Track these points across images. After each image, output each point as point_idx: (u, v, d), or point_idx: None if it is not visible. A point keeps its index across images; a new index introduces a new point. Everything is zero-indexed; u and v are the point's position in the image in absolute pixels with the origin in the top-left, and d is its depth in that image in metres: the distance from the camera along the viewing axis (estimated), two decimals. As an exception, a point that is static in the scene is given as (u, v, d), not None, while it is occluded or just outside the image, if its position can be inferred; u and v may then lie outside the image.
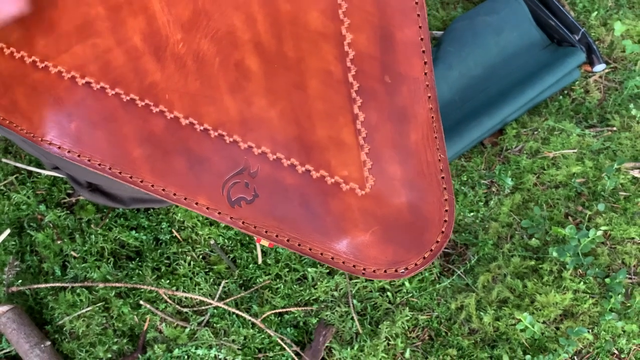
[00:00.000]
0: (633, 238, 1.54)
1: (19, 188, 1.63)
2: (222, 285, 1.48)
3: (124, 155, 0.85)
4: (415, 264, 0.84)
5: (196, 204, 0.85)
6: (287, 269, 1.48)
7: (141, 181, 0.85)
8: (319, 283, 1.46)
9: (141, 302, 1.46)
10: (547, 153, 1.73)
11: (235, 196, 0.85)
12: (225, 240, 1.53)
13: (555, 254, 1.44)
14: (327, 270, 1.46)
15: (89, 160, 0.86)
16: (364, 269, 0.84)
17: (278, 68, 0.84)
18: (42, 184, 1.64)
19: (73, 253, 1.54)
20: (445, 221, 0.82)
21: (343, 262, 0.85)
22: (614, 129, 1.79)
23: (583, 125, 1.80)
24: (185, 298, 1.48)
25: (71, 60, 0.86)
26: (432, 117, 0.82)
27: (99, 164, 0.86)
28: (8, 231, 1.53)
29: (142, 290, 1.49)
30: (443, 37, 1.78)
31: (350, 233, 0.85)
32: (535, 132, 1.77)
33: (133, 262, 1.52)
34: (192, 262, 1.52)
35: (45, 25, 0.87)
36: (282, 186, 0.84)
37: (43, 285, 1.47)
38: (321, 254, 0.85)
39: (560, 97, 1.86)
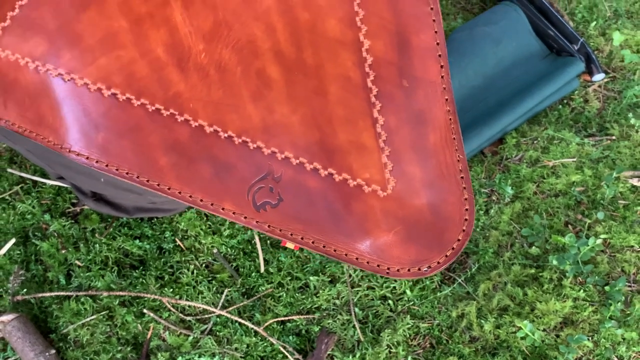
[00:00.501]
0: (632, 246, 1.56)
1: (24, 198, 1.63)
2: (225, 293, 1.48)
3: (150, 164, 0.87)
4: (438, 262, 0.87)
5: (222, 209, 0.86)
6: (290, 278, 1.49)
7: (168, 188, 0.86)
8: (321, 291, 1.47)
9: (145, 310, 1.47)
10: (546, 162, 1.74)
11: (260, 200, 0.87)
12: (228, 249, 1.53)
13: (555, 262, 1.45)
14: (329, 279, 1.47)
15: (116, 170, 0.87)
16: (388, 269, 0.87)
17: (298, 75, 0.86)
18: (47, 194, 1.64)
19: (77, 262, 1.55)
20: (466, 220, 0.85)
21: (367, 262, 0.87)
22: (613, 137, 1.80)
23: (582, 134, 1.81)
24: (189, 306, 1.48)
25: (97, 73, 0.88)
26: (450, 118, 0.85)
27: (127, 173, 0.87)
28: (13, 240, 1.53)
29: (146, 298, 1.49)
30: (443, 47, 1.79)
31: (374, 233, 0.87)
32: (535, 141, 1.78)
33: (137, 270, 1.53)
34: (195, 271, 1.52)
35: (70, 39, 0.88)
36: (305, 190, 0.86)
37: (48, 294, 1.47)
38: (346, 254, 0.87)
39: (560, 106, 1.87)
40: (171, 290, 1.49)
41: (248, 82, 0.86)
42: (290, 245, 0.89)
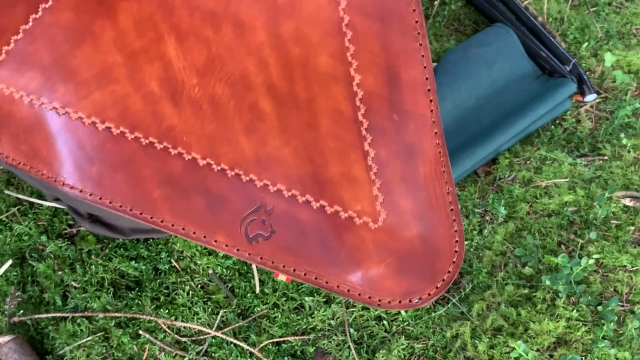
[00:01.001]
0: (625, 266, 1.56)
1: (21, 219, 1.64)
2: (220, 314, 1.49)
3: (144, 197, 0.88)
4: (429, 294, 0.88)
5: (215, 241, 0.87)
6: (285, 298, 1.50)
7: (161, 221, 0.87)
8: (316, 312, 1.48)
9: (140, 331, 1.47)
10: (539, 182, 1.74)
11: (252, 233, 0.88)
12: (224, 270, 1.54)
13: (548, 282, 1.45)
14: (324, 299, 1.48)
15: (110, 203, 0.88)
16: (380, 300, 0.88)
17: (290, 109, 0.87)
18: (44, 215, 1.65)
19: (74, 283, 1.55)
20: (456, 251, 0.86)
21: (359, 294, 0.88)
22: (605, 158, 1.81)
23: (575, 154, 1.81)
24: (184, 327, 1.49)
25: (91, 107, 0.89)
26: (440, 152, 0.86)
27: (120, 206, 0.88)
28: (10, 262, 1.54)
29: (142, 320, 1.50)
30: (436, 68, 1.81)
31: (365, 265, 0.88)
32: (528, 162, 1.78)
33: (132, 292, 1.53)
34: (190, 292, 1.53)
35: (64, 74, 0.89)
36: (297, 222, 0.87)
37: (44, 316, 1.48)
38: (337, 286, 0.88)
39: (552, 126, 1.87)
40: (167, 311, 1.50)
41: (241, 115, 0.87)
42: (282, 277, 0.90)
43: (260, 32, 0.87)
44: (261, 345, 1.45)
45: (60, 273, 1.56)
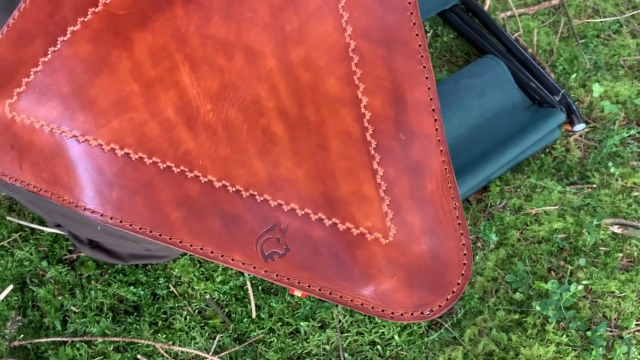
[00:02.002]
0: (613, 292, 1.57)
1: (22, 245, 1.66)
2: (217, 339, 1.51)
3: (162, 219, 0.90)
4: (439, 306, 0.90)
5: (232, 260, 0.90)
6: (281, 323, 1.52)
7: (180, 242, 0.90)
8: (311, 337, 1.49)
9: (138, 356, 1.49)
10: (529, 209, 1.77)
11: (268, 251, 0.90)
12: (221, 295, 1.56)
13: (538, 308, 1.47)
14: (319, 324, 1.50)
15: (130, 225, 0.91)
16: (392, 313, 0.90)
17: (301, 131, 0.90)
18: (45, 241, 1.66)
19: (73, 308, 1.57)
20: (464, 264, 0.89)
21: (372, 308, 0.91)
22: (594, 186, 1.83)
23: (564, 182, 1.84)
24: (181, 352, 1.50)
25: (110, 134, 0.92)
26: (445, 168, 0.89)
27: (140, 228, 0.91)
28: (11, 287, 1.56)
29: (140, 344, 1.51)
30: (428, 98, 1.83)
31: (377, 280, 0.90)
32: (518, 190, 1.81)
33: (131, 316, 1.55)
34: (188, 317, 1.55)
35: (83, 103, 0.92)
36: (311, 239, 0.90)
37: (44, 340, 1.49)
38: (351, 300, 0.91)
39: (542, 155, 1.90)
40: (164, 335, 1.51)
41: (254, 138, 0.91)
42: (297, 293, 0.93)
43: (270, 58, 0.91)
44: (260, 370, 1.47)
45: (60, 298, 1.58)
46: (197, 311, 1.57)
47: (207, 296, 1.47)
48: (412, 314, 0.90)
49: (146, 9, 0.91)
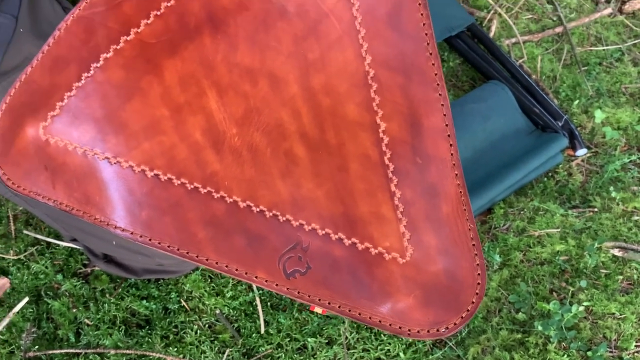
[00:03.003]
0: (613, 313, 1.58)
1: (38, 258, 1.69)
2: (226, 353, 1.53)
3: (190, 238, 0.94)
4: (455, 324, 0.94)
5: (256, 277, 0.93)
6: (289, 339, 1.54)
7: (206, 259, 0.93)
8: (318, 352, 1.51)
9: (149, 369, 1.51)
10: (532, 232, 1.78)
11: (290, 269, 0.94)
12: (230, 310, 1.59)
13: (540, 328, 1.49)
14: (327, 341, 1.52)
15: (159, 244, 0.94)
16: (409, 330, 0.93)
17: (322, 154, 0.94)
18: (60, 255, 1.69)
19: (87, 321, 1.59)
20: (479, 283, 0.92)
21: (390, 325, 0.94)
22: (595, 210, 1.85)
23: (566, 206, 1.86)
24: (192, 366, 1.53)
25: (141, 156, 0.96)
26: (460, 191, 0.93)
27: (168, 246, 0.94)
28: (26, 299, 1.58)
29: (151, 357, 1.54)
30: (436, 122, 1.85)
31: (395, 298, 0.94)
32: (522, 212, 1.82)
33: (143, 330, 1.58)
34: (198, 331, 1.58)
35: (116, 126, 0.96)
36: (331, 258, 0.94)
37: (58, 351, 1.52)
38: (370, 317, 0.94)
39: (545, 179, 1.92)
40: (175, 349, 1.54)
41: (277, 161, 0.95)
42: (318, 309, 0.97)
43: (293, 85, 0.95)
44: (268, 384, 1.50)
45: (74, 311, 1.60)
46: (207, 326, 1.60)
47: (217, 311, 1.50)
48: (428, 331, 0.93)
49: (176, 37, 0.96)
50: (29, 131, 1.01)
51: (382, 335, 1.52)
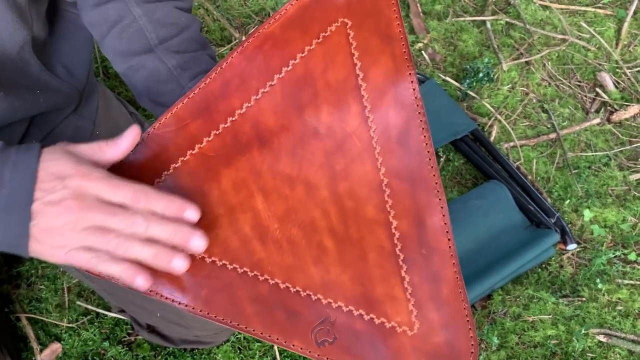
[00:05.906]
0: None
1: (88, 327, 1.85)
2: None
3: (240, 313, 1.14)
4: (453, 387, 1.13)
5: (292, 345, 1.13)
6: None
7: (253, 330, 1.13)
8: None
9: None
10: (527, 317, 1.89)
11: (320, 339, 1.14)
12: (257, 377, 1.71)
13: None
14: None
15: (215, 317, 1.14)
16: (417, 392, 1.13)
17: (346, 246, 1.15)
18: (107, 324, 1.83)
19: (129, 384, 1.70)
20: (472, 352, 1.12)
21: (400, 389, 1.14)
22: (584, 299, 1.97)
23: (558, 294, 1.98)
24: None
25: (202, 246, 1.17)
26: (457, 277, 1.14)
27: (222, 319, 1.14)
28: None
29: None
30: (441, 217, 1.99)
31: (405, 364, 1.14)
32: (518, 299, 1.94)
33: (179, 396, 1.68)
34: (228, 397, 1.68)
35: (180, 223, 1.18)
36: (354, 330, 1.14)
37: None
38: (385, 379, 1.14)
39: (539, 270, 2.03)
40: (207, 413, 1.66)
41: (310, 251, 1.16)
42: (343, 373, 1.15)
43: (324, 190, 1.17)
44: None
45: (118, 375, 1.72)
46: (236, 392, 1.72)
47: (245, 379, 1.64)
48: (432, 392, 1.13)
49: (231, 151, 1.18)
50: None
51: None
